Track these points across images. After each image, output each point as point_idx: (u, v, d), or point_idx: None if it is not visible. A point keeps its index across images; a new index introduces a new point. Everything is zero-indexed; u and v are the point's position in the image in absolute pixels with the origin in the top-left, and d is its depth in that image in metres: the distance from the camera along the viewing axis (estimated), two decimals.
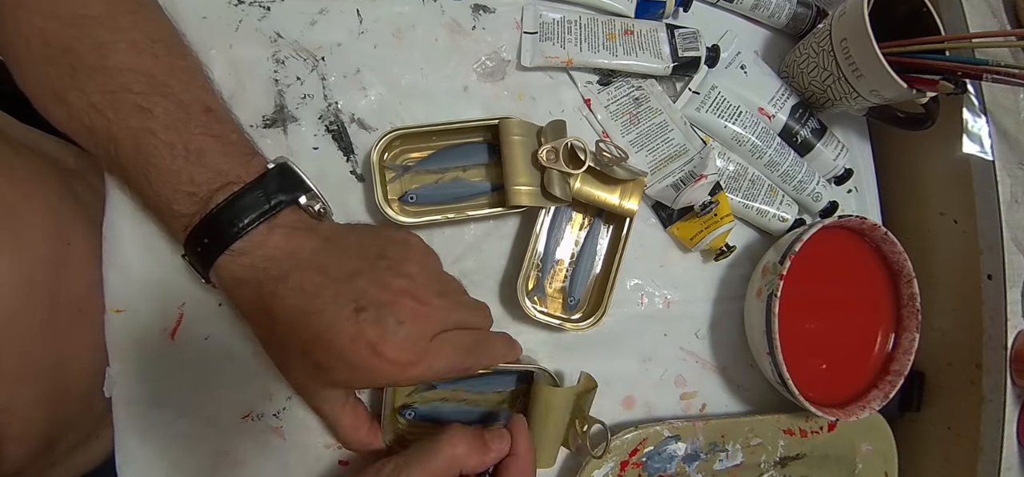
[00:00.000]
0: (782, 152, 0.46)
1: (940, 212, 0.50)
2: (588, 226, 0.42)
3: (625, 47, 0.44)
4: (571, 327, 0.40)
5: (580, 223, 0.42)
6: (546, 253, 0.41)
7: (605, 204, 0.40)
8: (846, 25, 0.43)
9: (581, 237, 0.42)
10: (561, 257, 0.42)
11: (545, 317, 0.40)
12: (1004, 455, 0.43)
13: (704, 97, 0.46)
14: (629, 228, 0.40)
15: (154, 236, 0.36)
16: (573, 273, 0.41)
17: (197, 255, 0.30)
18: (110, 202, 0.35)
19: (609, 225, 0.42)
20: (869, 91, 0.43)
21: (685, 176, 0.43)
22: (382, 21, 0.40)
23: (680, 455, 0.43)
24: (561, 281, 0.42)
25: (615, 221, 0.42)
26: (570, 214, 0.42)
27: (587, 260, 0.41)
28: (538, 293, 0.41)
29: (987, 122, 0.47)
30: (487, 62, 0.42)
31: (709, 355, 0.46)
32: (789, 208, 0.46)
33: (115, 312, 0.35)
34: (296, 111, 0.38)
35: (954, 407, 0.48)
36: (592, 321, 0.40)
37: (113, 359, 0.35)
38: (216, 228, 0.29)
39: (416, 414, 0.38)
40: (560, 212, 0.42)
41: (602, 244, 0.42)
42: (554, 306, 0.41)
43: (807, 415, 0.44)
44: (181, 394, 0.35)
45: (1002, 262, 0.44)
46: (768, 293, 0.41)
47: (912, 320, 0.45)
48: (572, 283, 0.41)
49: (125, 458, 0.35)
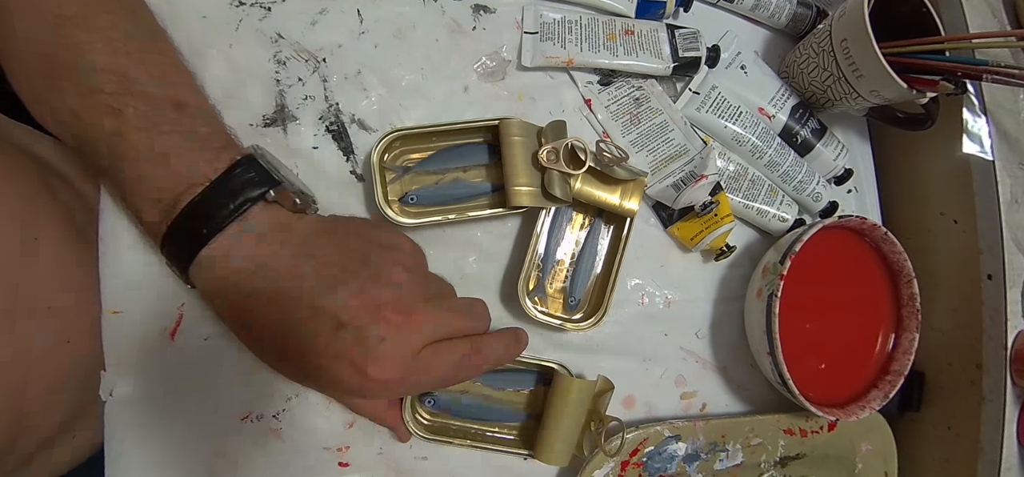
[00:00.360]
0: (782, 152, 0.46)
1: (940, 212, 0.50)
2: (588, 226, 0.42)
3: (625, 47, 0.44)
4: (572, 327, 0.40)
5: (580, 223, 0.42)
6: (547, 253, 0.41)
7: (605, 204, 0.40)
8: (846, 25, 0.43)
9: (581, 237, 0.42)
10: (561, 257, 0.42)
11: (546, 317, 0.39)
12: (1004, 455, 0.43)
13: (704, 97, 0.46)
14: (630, 228, 0.40)
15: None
16: (573, 273, 0.41)
17: (172, 265, 0.29)
18: (106, 202, 0.35)
19: (610, 225, 0.42)
20: (869, 91, 0.43)
21: (685, 176, 0.43)
22: (383, 21, 0.40)
23: (680, 455, 0.43)
24: (562, 281, 0.42)
25: (616, 221, 0.42)
26: (570, 214, 0.42)
27: (588, 260, 0.41)
28: (539, 293, 0.41)
29: (987, 122, 0.47)
30: (487, 62, 0.42)
31: (709, 355, 0.46)
32: (789, 208, 0.46)
33: (112, 313, 0.35)
34: (296, 111, 0.38)
35: (954, 407, 0.48)
36: (593, 321, 0.40)
37: (109, 362, 0.35)
38: (181, 236, 0.28)
39: (436, 404, 0.39)
40: (560, 212, 0.41)
41: (603, 244, 0.42)
42: (555, 306, 0.41)
43: (807, 415, 0.44)
44: (179, 395, 0.35)
45: (1002, 262, 0.44)
46: (768, 293, 0.41)
47: (912, 320, 0.45)
48: (572, 283, 0.41)
49: (121, 461, 0.35)
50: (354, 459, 0.38)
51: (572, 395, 0.38)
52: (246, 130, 0.37)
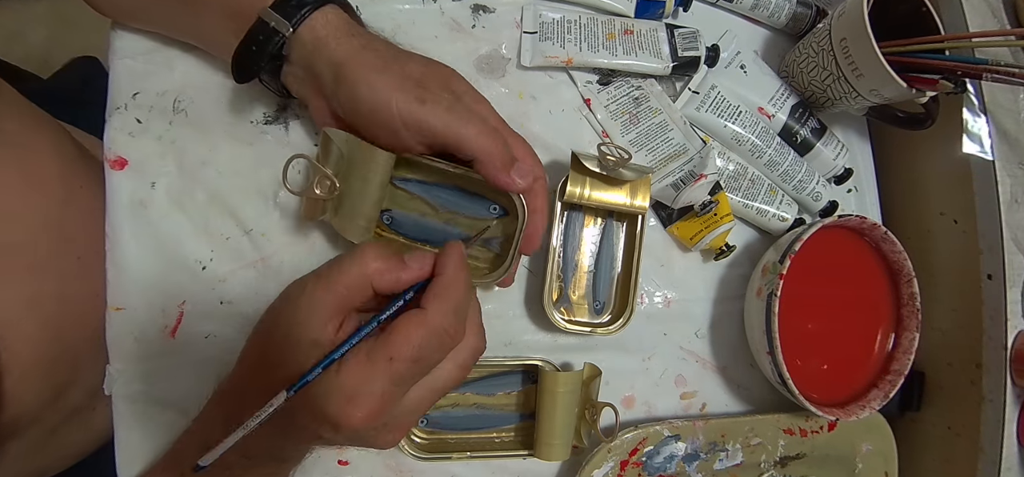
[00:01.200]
0: (782, 152, 0.46)
1: (940, 212, 0.50)
2: (601, 229, 0.42)
3: (625, 47, 0.44)
4: (603, 331, 0.40)
5: (593, 227, 0.42)
6: (565, 261, 0.41)
7: (616, 206, 0.40)
8: (846, 25, 0.43)
9: (597, 240, 0.42)
10: (580, 263, 0.42)
11: (575, 326, 0.40)
12: (1004, 455, 0.43)
13: (704, 97, 0.46)
14: (643, 225, 0.41)
15: (154, 234, 0.36)
16: (594, 277, 0.42)
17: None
18: (110, 200, 0.35)
19: (622, 223, 0.43)
20: (869, 91, 0.44)
21: (685, 176, 0.43)
22: (382, 17, 0.40)
23: (680, 455, 0.43)
24: (583, 287, 0.42)
25: (627, 219, 0.42)
26: (582, 219, 0.42)
27: (606, 262, 0.42)
28: (564, 303, 0.41)
29: (987, 122, 0.47)
30: (487, 61, 0.43)
31: (709, 355, 0.46)
32: (789, 208, 0.46)
33: (115, 310, 0.35)
34: (299, 109, 0.38)
35: (954, 407, 0.48)
36: (622, 322, 0.40)
37: (113, 357, 0.35)
38: None
39: (429, 422, 0.39)
40: (572, 219, 0.42)
41: (618, 244, 0.42)
42: (581, 312, 0.41)
43: (807, 415, 0.44)
44: (181, 392, 0.35)
45: (1002, 262, 0.44)
46: (768, 292, 0.41)
47: (912, 320, 0.45)
48: (594, 287, 0.41)
49: (125, 455, 0.35)
50: (353, 457, 0.38)
51: (560, 389, 0.38)
52: (248, 128, 0.38)
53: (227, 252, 0.37)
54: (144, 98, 0.37)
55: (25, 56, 1.15)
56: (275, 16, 0.30)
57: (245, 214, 0.37)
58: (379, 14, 0.40)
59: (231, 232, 0.37)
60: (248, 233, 0.37)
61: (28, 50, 1.17)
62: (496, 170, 0.32)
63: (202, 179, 0.37)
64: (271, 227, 0.37)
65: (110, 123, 0.36)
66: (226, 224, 0.37)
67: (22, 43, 1.18)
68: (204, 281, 0.36)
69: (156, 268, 0.36)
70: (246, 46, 0.31)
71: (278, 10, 0.31)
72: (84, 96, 0.58)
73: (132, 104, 0.36)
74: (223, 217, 0.37)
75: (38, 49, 1.17)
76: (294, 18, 0.31)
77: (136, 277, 0.35)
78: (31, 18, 1.19)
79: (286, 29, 0.31)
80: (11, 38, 1.18)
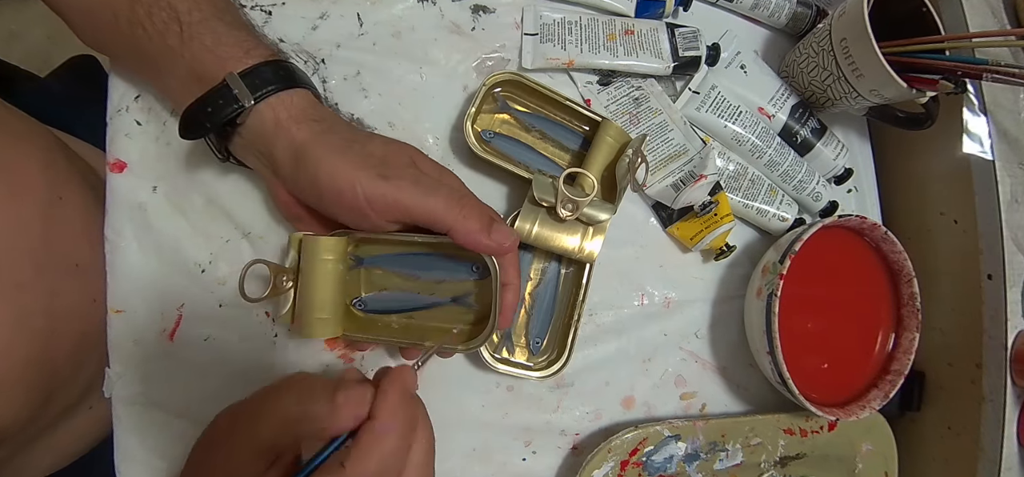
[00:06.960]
0: (782, 152, 0.46)
1: (940, 212, 0.50)
2: (544, 269, 0.41)
3: (625, 47, 0.44)
4: (537, 375, 0.38)
5: (539, 262, 0.41)
6: None
7: (565, 251, 0.37)
8: (846, 25, 0.43)
9: (538, 280, 0.41)
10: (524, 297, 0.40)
11: (507, 368, 0.38)
12: (1004, 455, 0.43)
13: (704, 97, 0.46)
14: (590, 275, 0.39)
15: (154, 237, 0.36)
16: (530, 319, 0.40)
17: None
18: (110, 202, 0.36)
19: (568, 267, 0.41)
20: (869, 91, 0.43)
21: (685, 176, 0.43)
22: (382, 23, 0.40)
23: (680, 455, 0.43)
24: (522, 324, 0.40)
25: (574, 263, 0.40)
26: (530, 256, 0.40)
27: (543, 304, 0.40)
28: (506, 343, 0.40)
29: (987, 122, 0.47)
30: (488, 62, 0.43)
31: (709, 355, 0.46)
32: (789, 208, 0.46)
33: (115, 313, 0.35)
34: None
35: (954, 407, 0.48)
36: (556, 368, 0.38)
37: (113, 360, 0.35)
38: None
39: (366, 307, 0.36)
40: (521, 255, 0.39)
41: (561, 287, 0.40)
42: (520, 348, 0.40)
43: (807, 415, 0.44)
44: (180, 394, 0.36)
45: (1002, 262, 0.44)
46: (768, 293, 0.41)
47: (912, 320, 0.45)
48: (531, 328, 0.40)
49: (124, 457, 0.35)
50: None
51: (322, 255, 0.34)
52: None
53: (226, 255, 0.37)
54: (144, 101, 0.37)
55: (25, 56, 1.15)
56: (240, 84, 0.30)
57: (244, 217, 0.37)
58: (379, 19, 0.40)
59: (230, 235, 0.37)
60: (247, 236, 0.37)
61: (28, 50, 1.17)
62: (475, 234, 0.31)
63: (201, 182, 0.37)
64: (270, 230, 0.38)
65: (110, 126, 0.36)
66: (225, 227, 0.37)
67: (22, 43, 1.18)
68: (203, 284, 0.36)
69: (155, 271, 0.36)
70: (201, 105, 0.30)
71: (245, 79, 0.30)
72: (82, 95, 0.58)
73: (133, 106, 0.36)
74: (222, 220, 0.37)
75: (38, 49, 1.17)
76: (259, 92, 0.30)
77: (135, 280, 0.35)
78: (31, 18, 1.19)
79: (247, 100, 0.30)
80: (11, 38, 1.18)
